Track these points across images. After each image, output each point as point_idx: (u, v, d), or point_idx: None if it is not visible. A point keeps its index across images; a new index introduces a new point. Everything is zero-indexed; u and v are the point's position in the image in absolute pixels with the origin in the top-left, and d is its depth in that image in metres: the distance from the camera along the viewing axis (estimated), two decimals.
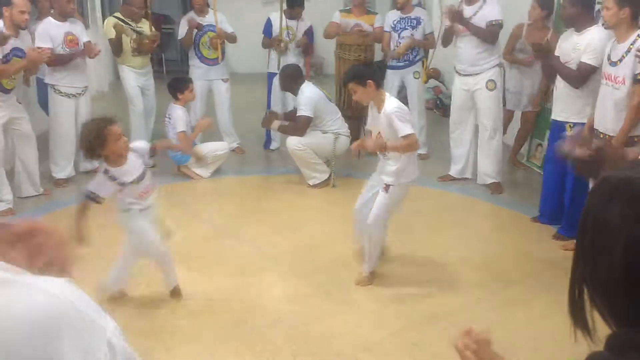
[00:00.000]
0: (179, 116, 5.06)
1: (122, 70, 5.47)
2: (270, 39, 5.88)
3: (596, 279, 0.84)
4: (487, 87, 4.85)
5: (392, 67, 5.76)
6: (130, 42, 5.26)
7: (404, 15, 5.63)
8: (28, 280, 0.60)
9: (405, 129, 3.17)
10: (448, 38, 5.07)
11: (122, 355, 0.64)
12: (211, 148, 5.26)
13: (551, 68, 4.09)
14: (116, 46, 5.28)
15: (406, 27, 5.62)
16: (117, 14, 5.40)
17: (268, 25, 5.91)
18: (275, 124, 5.15)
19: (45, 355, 0.56)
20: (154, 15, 5.62)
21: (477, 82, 4.87)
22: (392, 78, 5.76)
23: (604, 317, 0.85)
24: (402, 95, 5.82)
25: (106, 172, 2.91)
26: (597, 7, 4.15)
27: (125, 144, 2.90)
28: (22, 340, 0.55)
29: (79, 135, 2.95)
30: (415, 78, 5.74)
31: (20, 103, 4.47)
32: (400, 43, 5.62)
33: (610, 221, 0.80)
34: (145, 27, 5.40)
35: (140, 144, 3.15)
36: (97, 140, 2.80)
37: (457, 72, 5.04)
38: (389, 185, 3.34)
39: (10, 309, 0.56)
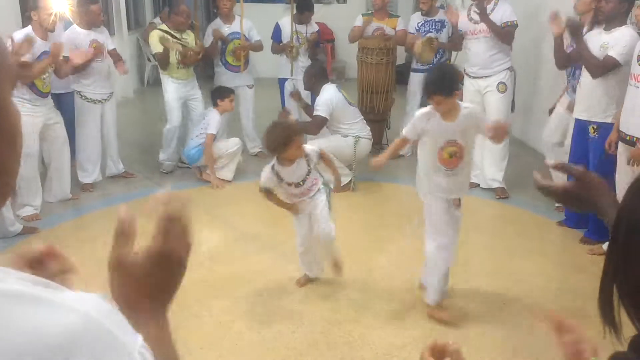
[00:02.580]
0: (214, 118, 5.13)
1: (165, 82, 5.45)
2: (280, 45, 5.89)
3: (626, 281, 0.83)
4: (498, 89, 4.83)
5: (417, 70, 5.75)
6: (176, 55, 5.26)
7: (429, 18, 5.61)
8: (56, 296, 0.59)
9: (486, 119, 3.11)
10: (459, 41, 5.06)
11: None
12: (223, 146, 5.28)
13: (568, 56, 4.01)
14: (163, 60, 5.28)
15: (430, 29, 5.60)
16: (163, 26, 5.42)
17: (277, 30, 5.92)
18: (291, 119, 5.12)
19: None
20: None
21: (488, 84, 4.84)
22: (416, 81, 5.74)
23: (632, 318, 0.83)
24: (425, 99, 5.79)
25: (272, 168, 3.22)
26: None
27: (300, 153, 3.18)
28: None
29: (270, 128, 3.20)
30: None
31: (57, 109, 4.54)
32: None
33: None
34: (190, 38, 5.40)
35: (313, 149, 3.32)
36: (285, 141, 3.09)
37: (466, 74, 5.00)
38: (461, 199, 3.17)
39: (36, 329, 0.55)
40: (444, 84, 2.87)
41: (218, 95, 5.23)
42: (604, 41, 3.78)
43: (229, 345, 2.91)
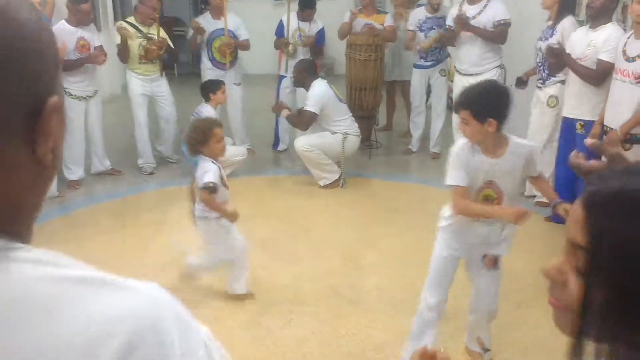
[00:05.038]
0: (208, 112, 5.07)
1: (128, 76, 5.38)
2: (277, 41, 5.88)
3: (601, 297, 0.72)
4: None
5: (420, 67, 5.78)
6: (139, 49, 5.20)
7: (431, 15, 5.60)
8: (124, 282, 0.60)
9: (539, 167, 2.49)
10: (451, 39, 5.08)
11: (218, 356, 0.67)
12: (230, 152, 5.26)
13: (562, 67, 4.04)
14: (122, 51, 5.20)
15: (433, 26, 5.59)
16: (130, 19, 5.33)
17: (280, 27, 5.89)
18: (285, 112, 5.11)
19: (154, 356, 0.56)
20: (164, 18, 5.58)
21: (478, 81, 4.85)
22: (419, 78, 5.81)
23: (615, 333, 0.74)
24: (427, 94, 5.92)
25: (216, 166, 3.10)
26: None
27: (223, 148, 3.14)
28: (132, 341, 0.55)
29: (190, 125, 3.15)
30: (441, 75, 5.77)
31: None
32: None
33: (619, 235, 0.69)
34: (156, 33, 5.30)
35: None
36: (201, 137, 3.04)
37: (457, 71, 5.05)
38: (499, 257, 2.60)
39: (119, 310, 0.56)
40: (479, 102, 2.35)
41: (210, 89, 5.13)
42: (591, 39, 3.81)
43: (219, 342, 2.90)
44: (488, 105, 2.33)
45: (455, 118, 5.20)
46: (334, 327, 3.03)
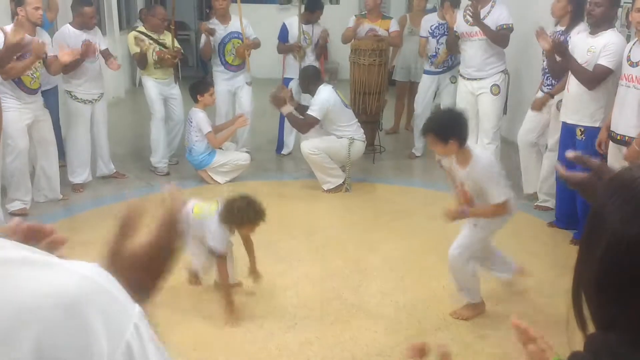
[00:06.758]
0: (201, 119, 5.07)
1: (145, 80, 5.49)
2: (286, 45, 5.87)
3: (584, 276, 0.83)
4: (491, 92, 4.90)
5: (430, 72, 5.83)
6: (153, 56, 5.28)
7: (442, 21, 5.62)
8: (56, 261, 0.62)
9: (498, 194, 2.85)
10: (455, 43, 5.10)
11: (149, 340, 0.66)
12: (233, 157, 5.29)
13: (562, 67, 4.04)
14: (141, 60, 5.31)
15: (445, 32, 5.60)
16: (141, 28, 5.43)
17: (284, 30, 5.90)
18: (286, 108, 5.04)
19: (76, 333, 0.57)
20: (170, 22, 5.63)
21: (481, 86, 4.92)
22: (428, 83, 5.88)
23: (590, 315, 0.83)
24: (437, 101, 5.91)
25: (226, 229, 3.12)
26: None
27: (249, 236, 3.25)
28: (53, 319, 0.57)
29: (238, 200, 3.13)
30: (451, 82, 5.78)
31: (46, 108, 4.51)
32: (439, 49, 5.68)
33: (604, 218, 0.78)
34: (167, 39, 5.39)
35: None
36: (240, 221, 3.06)
37: (461, 75, 5.07)
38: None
39: (42, 289, 0.58)
40: (439, 126, 2.84)
41: (198, 90, 5.11)
42: (591, 45, 3.82)
43: (221, 345, 2.90)
44: (448, 129, 2.79)
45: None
46: (338, 331, 3.03)
